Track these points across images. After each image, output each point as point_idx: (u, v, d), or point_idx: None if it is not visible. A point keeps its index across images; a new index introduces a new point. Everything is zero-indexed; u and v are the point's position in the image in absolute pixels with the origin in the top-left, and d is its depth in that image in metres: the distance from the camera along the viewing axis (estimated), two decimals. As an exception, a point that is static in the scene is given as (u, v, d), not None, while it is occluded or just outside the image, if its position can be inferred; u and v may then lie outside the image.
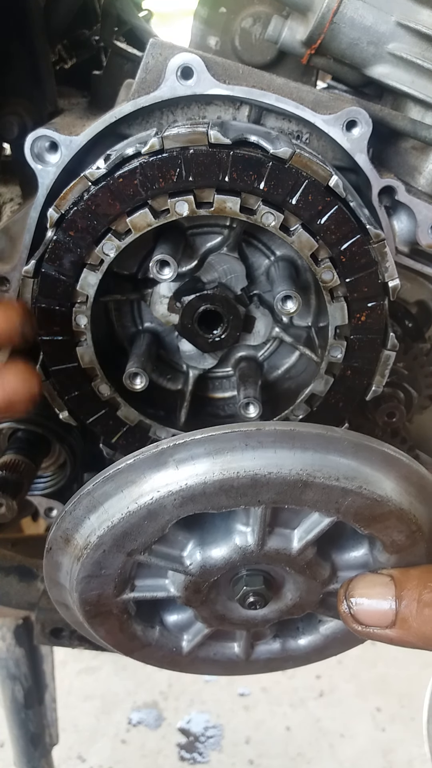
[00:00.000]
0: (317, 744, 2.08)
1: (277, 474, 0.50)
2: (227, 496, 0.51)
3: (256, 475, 0.50)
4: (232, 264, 0.66)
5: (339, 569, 0.60)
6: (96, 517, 0.53)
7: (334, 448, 0.52)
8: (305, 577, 0.59)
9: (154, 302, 0.68)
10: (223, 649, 0.68)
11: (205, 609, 0.62)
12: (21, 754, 1.33)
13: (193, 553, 0.57)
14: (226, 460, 0.51)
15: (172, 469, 0.51)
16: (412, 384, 0.77)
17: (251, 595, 0.58)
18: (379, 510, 0.52)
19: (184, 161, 0.55)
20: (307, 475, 0.50)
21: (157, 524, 0.53)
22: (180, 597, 0.60)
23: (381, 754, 2.06)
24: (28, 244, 0.62)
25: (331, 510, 0.53)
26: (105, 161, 0.57)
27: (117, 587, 0.57)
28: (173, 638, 0.66)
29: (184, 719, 2.14)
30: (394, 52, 0.63)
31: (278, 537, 0.56)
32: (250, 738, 2.09)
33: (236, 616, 0.63)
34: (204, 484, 0.50)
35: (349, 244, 0.58)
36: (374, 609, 0.52)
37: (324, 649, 0.69)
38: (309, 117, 0.60)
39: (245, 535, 0.56)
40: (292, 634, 0.69)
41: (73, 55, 0.96)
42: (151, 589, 0.60)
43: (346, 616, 0.53)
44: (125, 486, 0.52)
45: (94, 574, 0.56)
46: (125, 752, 2.05)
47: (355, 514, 0.53)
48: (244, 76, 0.61)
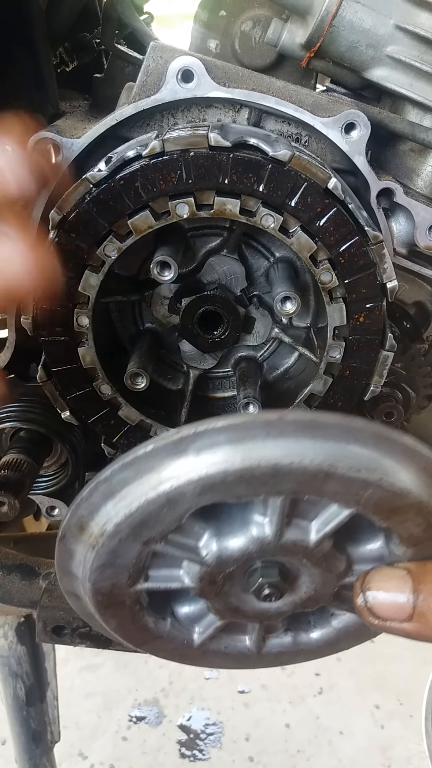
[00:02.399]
0: (317, 741, 2.09)
1: (299, 464, 0.49)
2: (247, 485, 0.50)
3: (277, 464, 0.49)
4: (232, 265, 0.67)
5: (354, 562, 0.59)
6: (113, 504, 0.52)
7: (355, 438, 0.51)
8: (321, 570, 0.58)
9: (155, 303, 0.69)
10: (234, 642, 0.67)
11: (219, 601, 0.61)
12: (22, 751, 1.34)
13: (210, 544, 0.56)
14: (247, 449, 0.49)
15: (193, 457, 0.50)
16: (410, 384, 0.77)
17: (267, 587, 0.57)
18: (399, 503, 0.51)
19: (184, 164, 0.56)
20: (329, 466, 0.49)
21: (175, 513, 0.51)
22: (194, 588, 0.59)
23: (380, 751, 2.07)
24: (30, 245, 0.62)
25: (350, 502, 0.52)
26: (106, 164, 0.57)
27: (131, 577, 0.57)
28: (185, 630, 0.65)
29: (185, 716, 2.15)
30: (392, 54, 0.64)
31: (296, 528, 0.56)
32: (250, 735, 2.11)
33: (250, 609, 0.62)
34: (224, 472, 0.49)
35: (347, 245, 0.59)
36: (391, 602, 0.51)
37: (336, 643, 0.68)
38: (308, 120, 0.60)
39: (262, 526, 0.55)
40: (304, 627, 0.68)
41: (75, 58, 0.96)
42: (166, 580, 0.59)
43: (362, 610, 0.53)
44: (144, 473, 0.51)
45: (108, 563, 0.55)
46: (126, 749, 2.06)
47: (375, 507, 0.52)
48: (243, 79, 0.61)
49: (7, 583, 1.00)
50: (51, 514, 0.80)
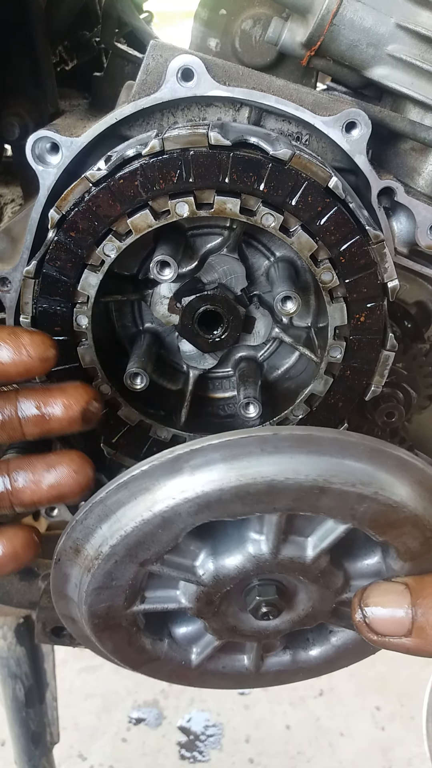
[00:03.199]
0: (317, 743, 2.09)
1: (294, 479, 0.49)
2: (243, 503, 0.50)
3: (272, 480, 0.49)
4: (232, 265, 0.67)
5: (352, 578, 0.59)
6: (108, 526, 0.52)
7: (350, 453, 0.51)
8: (318, 586, 0.58)
9: (155, 303, 0.69)
10: (232, 662, 0.67)
11: (217, 620, 0.60)
12: (22, 752, 1.34)
13: (206, 563, 0.56)
14: (242, 466, 0.49)
15: (188, 476, 0.50)
16: (411, 384, 0.77)
17: (264, 605, 0.57)
18: (395, 516, 0.51)
19: (184, 163, 0.56)
20: (324, 481, 0.49)
21: (171, 533, 0.51)
22: (191, 608, 0.59)
23: (380, 752, 2.07)
24: (29, 244, 0.62)
25: (346, 516, 0.52)
26: (106, 162, 0.57)
27: (128, 599, 0.56)
28: (182, 651, 0.64)
29: (185, 718, 2.15)
30: (393, 53, 0.63)
31: (292, 545, 0.55)
32: (250, 737, 2.10)
33: (248, 628, 0.61)
34: (220, 490, 0.49)
35: (348, 245, 0.58)
36: (389, 618, 0.51)
37: (335, 661, 0.68)
38: (308, 118, 0.60)
39: (259, 543, 0.55)
40: (303, 645, 0.68)
41: (74, 57, 0.96)
42: (162, 601, 0.59)
43: (360, 626, 0.52)
44: (139, 493, 0.51)
45: (104, 586, 0.54)
46: (126, 751, 2.06)
47: (371, 521, 0.52)
48: (244, 78, 0.61)
49: (6, 583, 1.00)
50: (50, 515, 0.80)
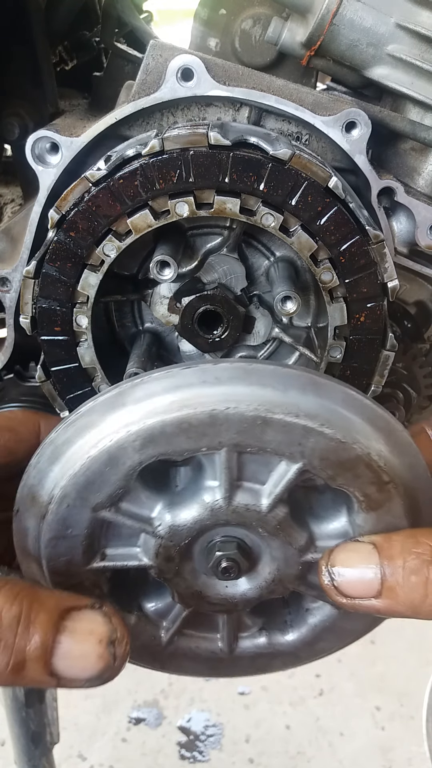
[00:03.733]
0: (317, 742, 2.09)
1: (235, 410, 0.48)
2: (187, 436, 0.49)
3: (213, 410, 0.48)
4: (232, 265, 0.67)
5: (317, 539, 0.57)
6: (59, 467, 0.50)
7: (293, 384, 0.49)
8: (280, 542, 0.56)
9: (155, 303, 0.69)
10: (205, 642, 0.65)
11: (180, 583, 0.59)
12: (22, 752, 1.34)
13: (162, 515, 0.55)
14: (183, 397, 0.48)
15: (132, 408, 0.49)
16: (411, 384, 0.77)
17: (224, 560, 0.56)
18: (345, 455, 0.50)
19: (184, 162, 0.56)
20: (266, 411, 0.48)
21: (119, 471, 0.50)
22: (152, 566, 0.57)
23: (380, 752, 2.07)
24: (29, 244, 0.62)
25: (295, 454, 0.50)
26: (105, 162, 0.57)
27: (86, 552, 0.55)
28: (152, 626, 0.63)
29: (185, 718, 2.15)
30: (393, 53, 0.63)
31: (247, 492, 0.54)
32: (250, 736, 2.10)
33: (214, 593, 0.60)
34: (162, 423, 0.48)
35: (348, 245, 0.58)
36: (358, 579, 0.49)
37: (314, 643, 0.65)
38: (308, 118, 0.60)
39: (213, 491, 0.54)
40: (280, 627, 0.66)
41: (74, 57, 0.96)
42: (123, 558, 0.57)
43: (329, 589, 0.50)
44: (86, 430, 0.50)
45: (60, 535, 0.52)
46: (126, 751, 2.06)
47: (321, 459, 0.50)
48: (244, 78, 0.61)
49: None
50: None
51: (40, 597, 0.46)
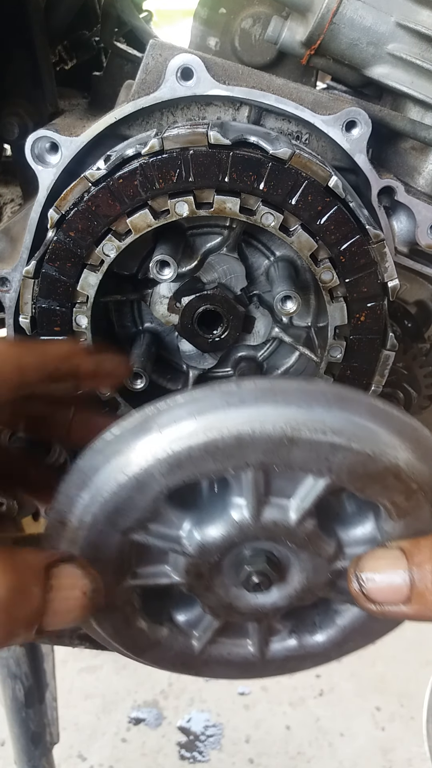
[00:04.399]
0: (317, 743, 2.09)
1: (261, 430, 0.48)
2: (214, 459, 0.49)
3: (239, 432, 0.48)
4: (232, 264, 0.67)
5: (345, 546, 0.57)
6: (87, 494, 0.51)
7: (318, 401, 0.49)
8: (309, 554, 0.56)
9: (154, 302, 0.69)
10: (236, 647, 0.65)
11: (211, 597, 0.59)
12: (21, 752, 1.34)
13: (191, 533, 0.55)
14: (209, 421, 0.48)
15: (157, 435, 0.49)
16: (411, 384, 0.77)
17: (255, 575, 0.56)
18: (374, 467, 0.49)
19: (183, 162, 0.56)
20: (292, 430, 0.48)
21: (147, 496, 0.50)
22: (183, 583, 0.58)
23: (380, 753, 2.07)
24: (28, 244, 0.62)
25: (322, 470, 0.50)
26: (105, 162, 0.57)
27: (117, 573, 0.55)
28: (183, 636, 0.63)
29: (185, 718, 2.15)
30: (393, 52, 0.63)
31: (274, 507, 0.54)
32: (250, 737, 2.10)
33: (244, 604, 0.60)
34: (189, 447, 0.48)
35: (348, 244, 0.58)
36: (387, 584, 0.48)
37: (343, 644, 0.65)
38: (308, 117, 0.60)
39: (241, 508, 0.54)
40: (309, 629, 0.65)
41: (74, 56, 0.96)
42: (154, 576, 0.58)
43: (358, 595, 0.50)
44: (113, 457, 0.50)
45: (92, 558, 0.53)
46: (125, 751, 2.06)
47: (349, 473, 0.50)
48: (243, 77, 0.61)
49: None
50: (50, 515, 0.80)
51: (27, 560, 0.45)
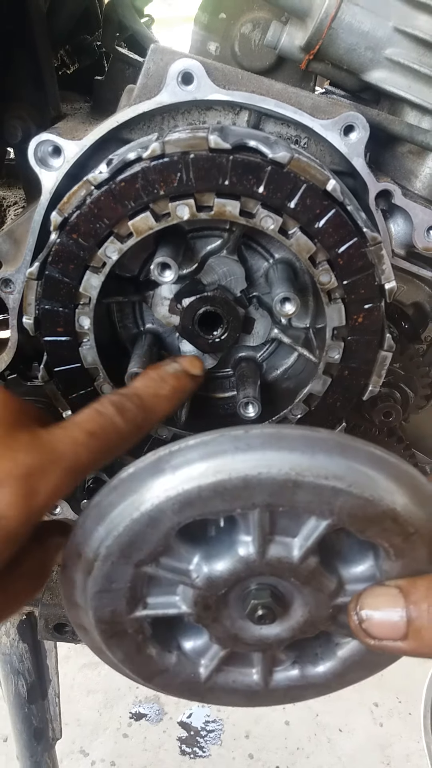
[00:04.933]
0: (316, 738, 2.10)
1: (267, 474, 0.51)
2: (222, 499, 0.52)
3: (246, 476, 0.51)
4: (232, 266, 0.68)
5: (346, 582, 0.60)
6: (103, 528, 0.54)
7: (320, 448, 0.52)
8: (312, 589, 0.59)
9: (156, 304, 0.70)
10: (241, 676, 0.68)
11: (218, 627, 0.62)
12: (24, 748, 1.35)
13: (199, 567, 0.58)
14: (218, 463, 0.52)
15: (170, 475, 0.53)
16: (408, 384, 0.78)
17: (260, 608, 0.59)
18: (373, 511, 0.52)
19: (184, 166, 0.56)
20: (296, 474, 0.51)
21: (159, 531, 0.54)
22: (191, 614, 0.61)
23: (379, 748, 2.08)
24: (31, 246, 0.63)
25: (325, 512, 0.53)
26: (107, 165, 0.58)
27: (129, 603, 0.58)
28: (191, 664, 0.66)
29: (185, 714, 2.17)
30: (391, 57, 0.64)
31: (279, 545, 0.57)
32: (249, 732, 2.12)
33: (249, 636, 0.63)
34: (199, 487, 0.51)
35: (346, 247, 0.59)
36: (385, 621, 0.51)
37: (344, 675, 0.68)
38: (307, 122, 0.61)
39: (247, 544, 0.57)
40: (311, 660, 0.69)
41: (75, 61, 0.97)
42: (163, 606, 0.61)
43: (357, 630, 0.53)
44: (128, 494, 0.53)
45: (105, 589, 0.56)
46: (127, 746, 2.07)
47: (350, 516, 0.53)
48: (243, 82, 0.62)
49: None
50: (53, 513, 0.81)
51: None
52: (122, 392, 0.57)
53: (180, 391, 0.60)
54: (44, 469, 0.46)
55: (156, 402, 0.58)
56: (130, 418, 0.54)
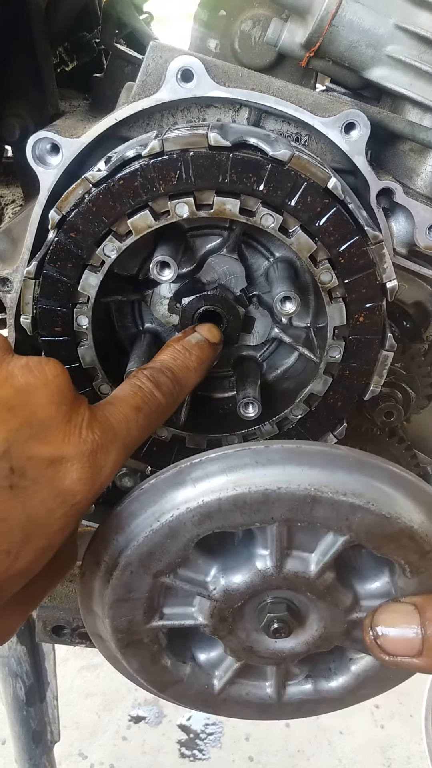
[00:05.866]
0: (316, 741, 2.10)
1: (287, 489, 0.52)
2: (241, 512, 0.53)
3: (266, 490, 0.52)
4: (232, 265, 0.67)
5: (362, 598, 0.60)
6: (123, 537, 0.55)
7: (340, 464, 0.53)
8: (327, 604, 0.60)
9: (155, 303, 0.69)
10: (255, 689, 0.68)
11: (233, 640, 0.63)
12: (22, 751, 1.34)
13: (217, 579, 0.59)
14: (238, 477, 0.52)
15: (190, 487, 0.53)
16: (409, 384, 0.77)
17: (275, 622, 0.59)
18: (390, 528, 0.53)
19: (184, 163, 0.56)
20: (315, 491, 0.51)
21: (178, 543, 0.54)
22: (207, 625, 0.61)
23: (380, 750, 2.07)
24: (29, 245, 0.62)
25: (342, 528, 0.53)
26: (106, 163, 0.57)
27: (146, 613, 0.59)
28: (204, 675, 0.66)
29: (185, 716, 2.16)
30: (392, 54, 0.64)
31: (296, 560, 0.57)
32: (249, 735, 2.11)
33: (264, 649, 0.63)
34: (219, 500, 0.52)
35: (347, 245, 0.59)
36: (400, 637, 0.52)
37: (357, 690, 0.69)
38: (308, 119, 0.60)
39: (265, 558, 0.58)
40: (325, 674, 0.69)
41: (74, 58, 0.96)
42: (180, 617, 0.61)
43: (372, 646, 0.53)
44: (148, 505, 0.54)
45: (123, 598, 0.57)
46: (126, 749, 2.06)
47: (367, 533, 0.53)
48: (243, 79, 0.61)
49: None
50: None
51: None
52: (154, 366, 0.57)
53: (205, 360, 0.60)
54: (106, 446, 0.47)
55: (186, 374, 0.57)
56: (166, 391, 0.54)
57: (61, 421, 0.45)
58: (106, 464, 0.46)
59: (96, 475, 0.45)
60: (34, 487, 0.42)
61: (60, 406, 0.46)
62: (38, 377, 0.46)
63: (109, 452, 0.46)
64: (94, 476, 0.45)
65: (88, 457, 0.45)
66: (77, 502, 0.44)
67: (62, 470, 0.44)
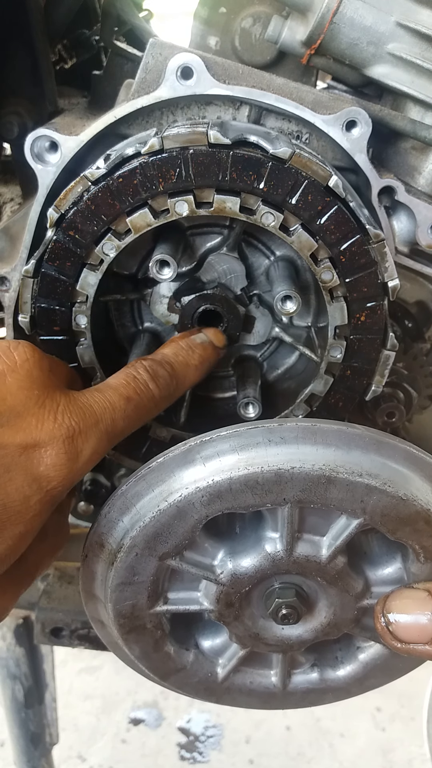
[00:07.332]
0: (317, 743, 2.09)
1: (300, 469, 0.50)
2: (253, 493, 0.51)
3: (279, 469, 0.50)
4: (232, 264, 0.67)
5: (373, 584, 0.59)
6: (129, 518, 0.53)
7: (356, 444, 0.51)
8: (337, 590, 0.58)
9: (154, 302, 0.69)
10: (259, 677, 0.67)
11: (239, 626, 0.61)
12: (21, 753, 1.34)
13: (224, 562, 0.57)
14: (250, 456, 0.50)
15: (200, 466, 0.51)
16: (411, 384, 0.77)
17: (284, 608, 0.57)
18: (406, 511, 0.51)
19: (183, 161, 0.55)
20: (330, 471, 0.50)
21: (186, 524, 0.52)
22: (213, 611, 0.59)
23: (381, 753, 2.06)
24: (28, 243, 0.62)
25: (357, 510, 0.52)
26: (105, 161, 0.57)
27: (150, 597, 0.57)
28: (208, 663, 0.65)
29: (184, 719, 2.15)
30: (393, 52, 0.63)
31: (307, 543, 0.56)
32: (250, 737, 2.10)
33: (271, 636, 0.62)
34: (230, 480, 0.50)
35: (348, 244, 0.58)
36: (413, 624, 0.51)
37: (364, 679, 0.67)
38: (309, 117, 0.60)
39: (275, 541, 0.56)
40: (331, 663, 0.67)
41: (73, 55, 0.96)
42: (185, 602, 0.59)
43: (384, 633, 0.52)
44: (156, 485, 0.52)
45: (127, 581, 0.55)
46: (125, 752, 2.06)
47: (382, 516, 0.52)
48: (243, 76, 0.61)
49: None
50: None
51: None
52: (154, 358, 0.56)
53: (207, 361, 0.60)
54: (85, 432, 0.46)
55: (186, 371, 0.57)
56: (162, 385, 0.53)
57: (33, 406, 0.45)
58: (83, 450, 0.45)
59: (72, 461, 0.45)
60: (8, 475, 0.42)
61: (31, 391, 0.45)
62: (6, 363, 0.46)
63: (88, 438, 0.46)
64: (70, 462, 0.45)
65: (63, 442, 0.44)
66: (52, 488, 0.44)
67: (36, 456, 0.44)
